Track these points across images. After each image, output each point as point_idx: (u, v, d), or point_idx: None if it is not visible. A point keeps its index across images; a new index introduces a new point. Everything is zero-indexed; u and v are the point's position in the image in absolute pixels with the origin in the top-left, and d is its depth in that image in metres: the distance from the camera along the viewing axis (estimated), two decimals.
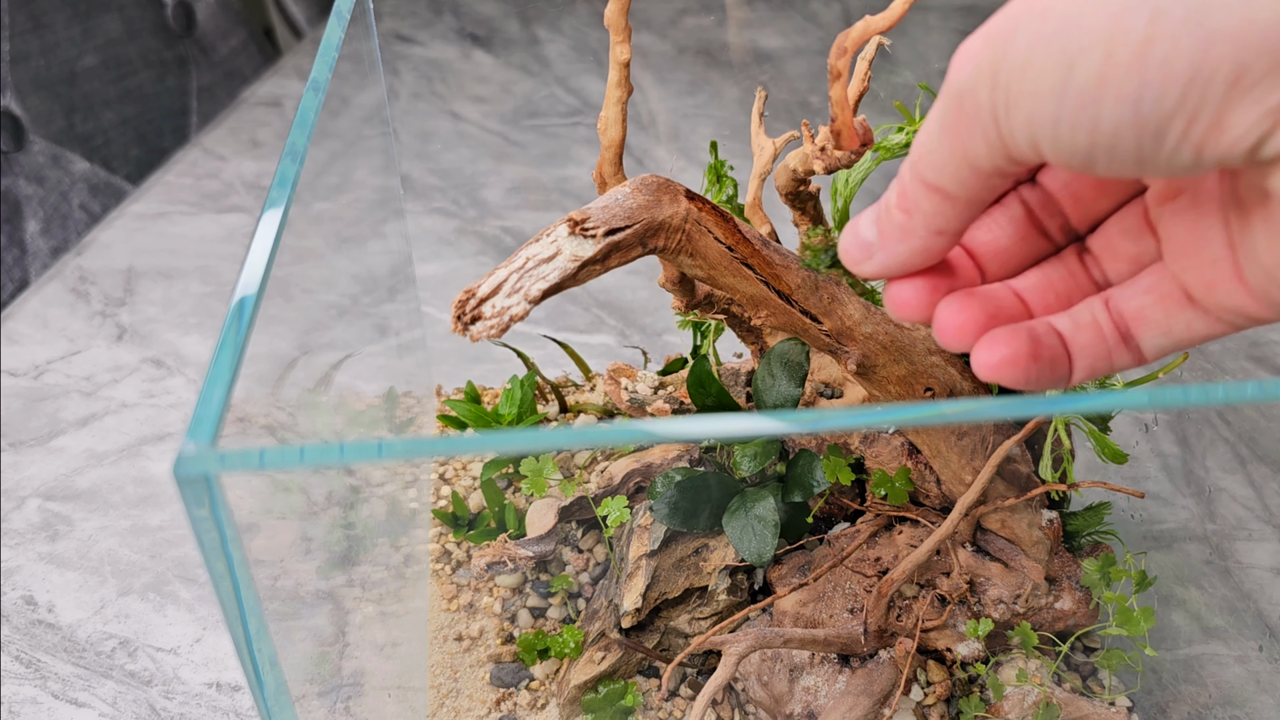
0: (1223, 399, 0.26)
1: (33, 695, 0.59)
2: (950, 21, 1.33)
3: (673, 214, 0.37)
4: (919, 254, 0.29)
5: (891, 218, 0.29)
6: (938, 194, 0.28)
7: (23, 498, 0.72)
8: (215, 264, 0.96)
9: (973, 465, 0.49)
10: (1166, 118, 0.23)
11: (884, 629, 0.50)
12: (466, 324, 0.33)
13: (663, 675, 0.49)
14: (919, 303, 0.30)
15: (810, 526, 0.55)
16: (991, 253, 0.31)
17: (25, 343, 0.86)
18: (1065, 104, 0.24)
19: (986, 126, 0.25)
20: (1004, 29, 0.25)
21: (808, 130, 0.42)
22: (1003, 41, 0.24)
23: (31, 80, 1.13)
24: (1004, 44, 0.24)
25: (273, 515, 0.35)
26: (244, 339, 0.28)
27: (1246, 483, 0.67)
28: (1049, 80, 0.24)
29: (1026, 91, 0.24)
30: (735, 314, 0.53)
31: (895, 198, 0.29)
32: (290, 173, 0.34)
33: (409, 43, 1.33)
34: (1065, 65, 0.23)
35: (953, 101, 0.26)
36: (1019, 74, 0.24)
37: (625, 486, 0.57)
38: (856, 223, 0.31)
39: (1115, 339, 0.30)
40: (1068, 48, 0.23)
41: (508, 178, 1.07)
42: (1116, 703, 0.52)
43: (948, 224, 0.28)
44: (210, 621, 0.64)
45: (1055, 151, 0.25)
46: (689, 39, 1.31)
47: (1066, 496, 0.57)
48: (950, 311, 0.30)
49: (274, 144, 1.14)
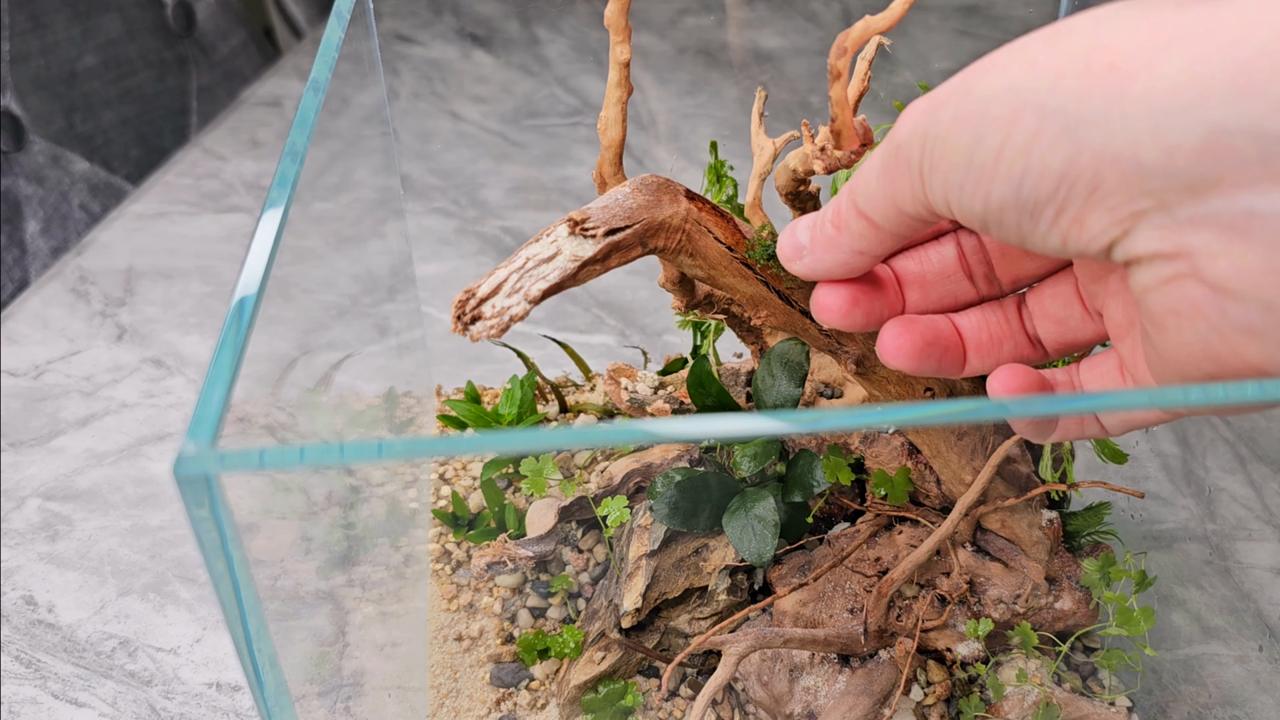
0: (1223, 399, 0.26)
1: (33, 695, 0.59)
2: (950, 21, 1.33)
3: (673, 214, 0.37)
4: (841, 266, 0.33)
5: (823, 229, 0.33)
6: (865, 220, 0.32)
7: (23, 498, 0.72)
8: (215, 264, 0.96)
9: (973, 465, 0.49)
10: (1040, 205, 0.27)
11: (884, 629, 0.50)
12: (466, 324, 0.33)
13: (663, 675, 0.49)
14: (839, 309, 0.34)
15: (810, 526, 0.55)
16: (916, 281, 0.36)
17: (25, 343, 0.86)
18: (969, 174, 0.28)
19: (914, 179, 0.29)
20: (939, 100, 0.28)
21: (808, 130, 0.42)
22: (935, 110, 0.28)
23: (31, 80, 1.13)
24: (936, 113, 0.28)
25: (273, 515, 0.35)
26: (244, 339, 0.28)
27: (1246, 483, 0.67)
28: (960, 152, 0.28)
29: (944, 157, 0.28)
30: (735, 314, 0.53)
31: (830, 213, 0.33)
32: (290, 173, 0.34)
33: (409, 43, 1.33)
34: (973, 142, 0.27)
35: (892, 150, 0.30)
36: (941, 142, 0.28)
37: (625, 486, 0.57)
38: (795, 225, 0.35)
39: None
40: (978, 129, 0.27)
41: (508, 178, 1.07)
42: (1116, 703, 0.52)
43: (869, 247, 0.32)
44: (210, 621, 0.64)
45: (960, 213, 0.29)
46: (689, 39, 1.31)
47: (1066, 496, 0.57)
48: (891, 334, 0.34)
49: (274, 144, 1.14)
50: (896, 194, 0.30)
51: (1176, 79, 0.24)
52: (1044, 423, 0.34)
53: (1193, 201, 0.25)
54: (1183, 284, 0.26)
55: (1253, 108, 0.23)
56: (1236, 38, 0.24)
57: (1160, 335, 0.28)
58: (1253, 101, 0.23)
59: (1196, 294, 0.26)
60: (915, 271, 0.36)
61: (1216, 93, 0.24)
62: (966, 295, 0.36)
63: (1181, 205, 0.25)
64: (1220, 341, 0.26)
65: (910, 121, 0.29)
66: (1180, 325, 0.27)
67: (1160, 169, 0.25)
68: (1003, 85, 0.27)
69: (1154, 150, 0.24)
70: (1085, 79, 0.25)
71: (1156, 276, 0.26)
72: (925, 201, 0.30)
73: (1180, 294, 0.26)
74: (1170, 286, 0.26)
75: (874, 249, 0.32)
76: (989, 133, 0.27)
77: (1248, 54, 0.23)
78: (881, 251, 0.32)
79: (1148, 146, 0.25)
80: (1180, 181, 0.25)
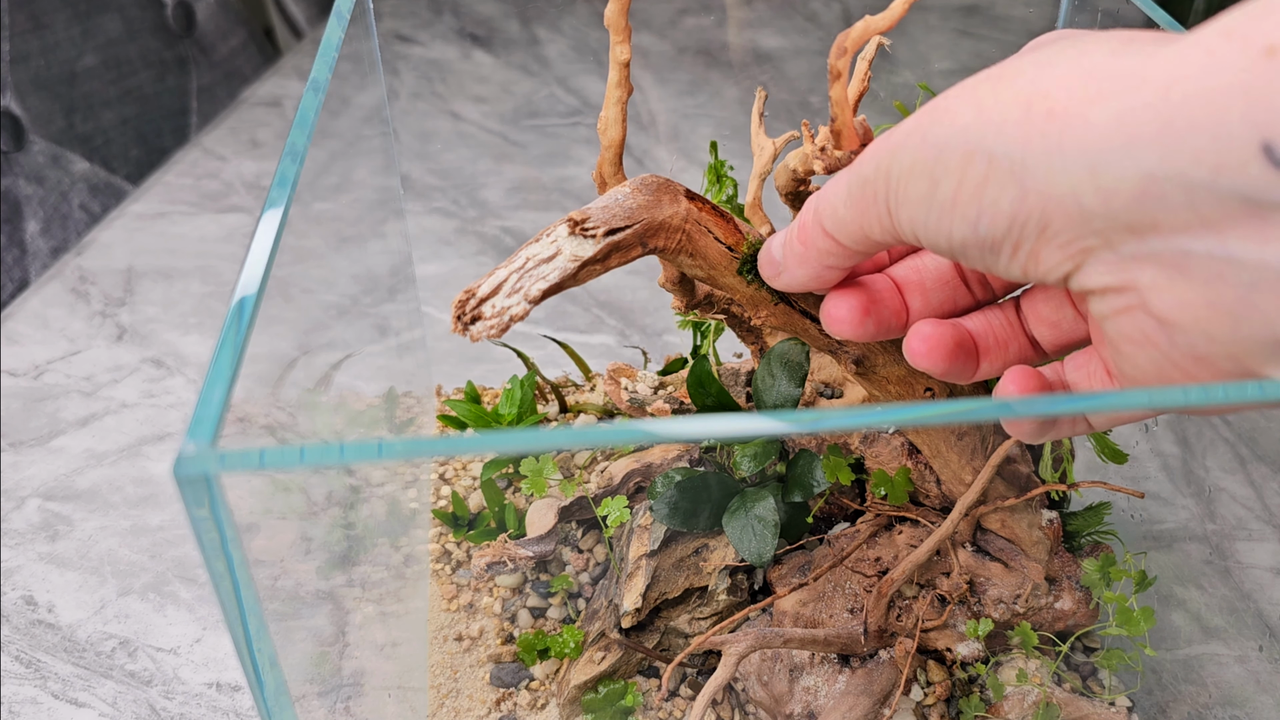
0: (1223, 399, 0.26)
1: (33, 695, 0.59)
2: (950, 21, 1.33)
3: (673, 214, 0.37)
4: (814, 279, 0.35)
5: (792, 247, 0.35)
6: (831, 240, 0.33)
7: (23, 498, 0.72)
8: (215, 264, 0.96)
9: (973, 465, 0.49)
10: (997, 242, 0.28)
11: (884, 629, 0.50)
12: (466, 324, 0.33)
13: (663, 675, 0.49)
14: (851, 321, 0.36)
15: (810, 526, 0.55)
16: (917, 288, 0.37)
17: (25, 343, 0.86)
18: (930, 213, 0.29)
19: (882, 213, 0.31)
20: (896, 143, 0.30)
21: (808, 130, 0.42)
22: (895, 152, 0.30)
23: (31, 80, 1.13)
24: (896, 154, 0.30)
25: (273, 515, 0.35)
26: (244, 339, 0.28)
27: (1246, 483, 0.67)
28: (920, 194, 0.29)
29: (907, 196, 0.30)
30: (735, 314, 0.53)
31: (796, 231, 0.35)
32: (290, 173, 0.34)
33: (409, 43, 1.33)
34: (931, 185, 0.29)
35: (858, 183, 0.31)
36: (903, 182, 0.30)
37: (625, 486, 0.57)
38: (770, 243, 0.37)
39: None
40: (933, 172, 0.29)
41: (508, 178, 1.07)
42: (1116, 703, 0.52)
43: (838, 263, 0.34)
44: (210, 621, 0.64)
45: (928, 245, 0.31)
46: (689, 39, 1.31)
47: (1066, 496, 0.57)
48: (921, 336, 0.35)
49: (274, 144, 1.14)
50: (865, 224, 0.32)
51: (1107, 128, 0.25)
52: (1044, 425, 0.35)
53: (1135, 240, 0.26)
54: (1133, 315, 0.28)
55: (1179, 158, 0.24)
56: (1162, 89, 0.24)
57: (1119, 358, 0.29)
58: (1178, 153, 0.24)
59: (1146, 324, 0.27)
60: (915, 280, 0.37)
61: (1145, 142, 0.25)
62: (964, 300, 0.37)
63: (1125, 243, 0.26)
64: (1172, 367, 0.28)
65: (874, 160, 0.31)
66: (1135, 351, 0.28)
67: (1100, 211, 0.26)
68: (953, 131, 0.28)
69: (1092, 195, 0.26)
70: (1026, 126, 0.27)
71: (1110, 307, 0.28)
72: (894, 232, 0.31)
73: (1132, 323, 0.28)
74: (1123, 317, 0.28)
75: (843, 263, 0.34)
76: (943, 177, 0.28)
77: (1172, 107, 0.24)
78: (850, 265, 0.34)
79: (1087, 191, 0.26)
80: (1120, 222, 0.26)
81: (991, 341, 0.36)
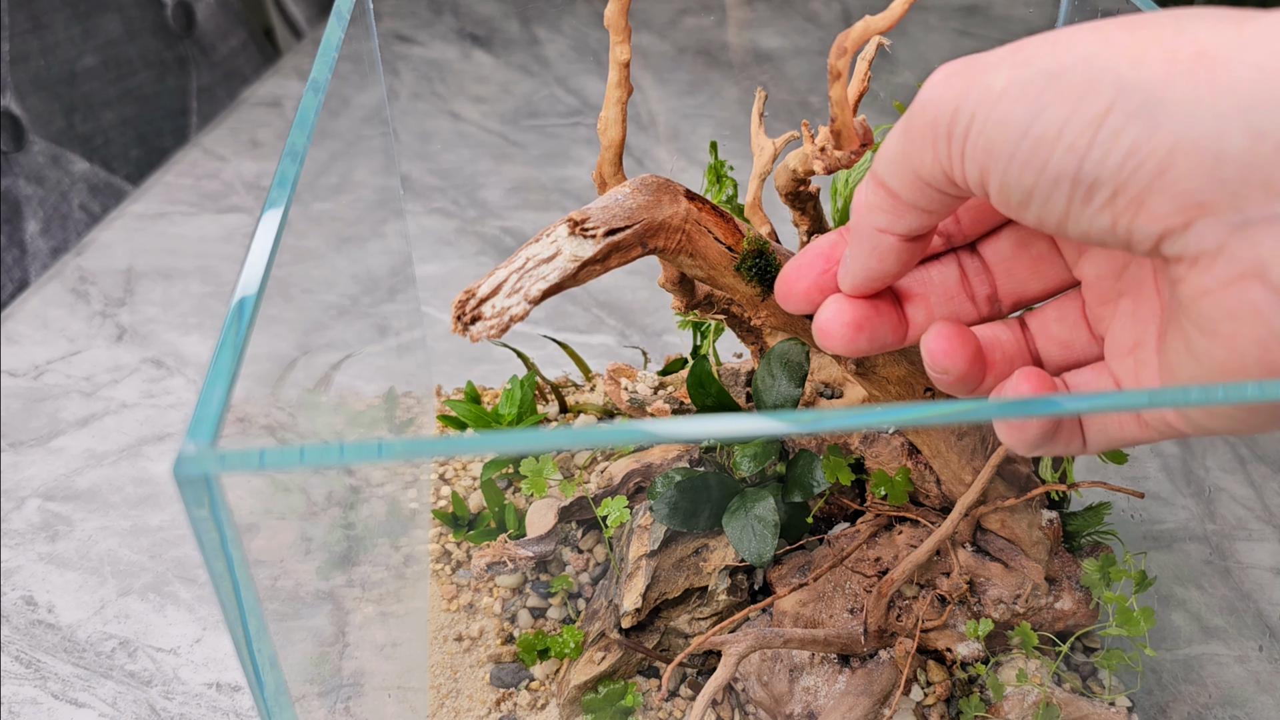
0: (1223, 399, 0.26)
1: (33, 695, 0.59)
2: (950, 21, 1.33)
3: (673, 214, 0.37)
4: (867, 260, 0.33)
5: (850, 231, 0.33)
6: (882, 191, 0.31)
7: (23, 498, 0.72)
8: (215, 264, 0.96)
9: (973, 465, 0.49)
10: (1101, 182, 0.26)
11: (884, 629, 0.50)
12: (466, 324, 0.33)
13: (663, 675, 0.49)
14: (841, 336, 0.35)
15: (810, 526, 0.55)
16: (920, 300, 0.36)
17: (25, 343, 0.86)
18: (1024, 142, 0.27)
19: (939, 141, 0.28)
20: (985, 62, 0.27)
21: (808, 130, 0.42)
22: (981, 72, 0.27)
23: (31, 80, 1.13)
24: (982, 74, 0.27)
25: (273, 515, 0.35)
26: (244, 339, 0.28)
27: (1246, 483, 0.67)
28: (1016, 117, 0.27)
29: (993, 120, 0.27)
30: (735, 314, 0.53)
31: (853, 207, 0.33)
32: (290, 173, 0.34)
33: (409, 43, 1.33)
34: (1035, 110, 0.26)
35: (917, 109, 0.29)
36: (990, 104, 0.27)
37: (625, 486, 0.57)
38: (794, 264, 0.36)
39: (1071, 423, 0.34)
40: (1041, 97, 0.26)
41: (508, 178, 1.07)
42: (1116, 703, 0.52)
43: (889, 224, 0.32)
44: (210, 621, 0.64)
45: (1000, 185, 0.28)
46: (689, 39, 1.31)
47: (1066, 496, 0.57)
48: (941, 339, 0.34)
49: (274, 144, 1.14)
50: (915, 157, 0.29)
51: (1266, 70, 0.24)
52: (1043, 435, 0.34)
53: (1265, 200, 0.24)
54: (1244, 286, 0.25)
55: None
56: None
57: (1210, 341, 0.27)
58: None
59: (1258, 297, 0.25)
60: (919, 291, 0.36)
61: None
62: (969, 316, 0.36)
63: (1252, 202, 0.24)
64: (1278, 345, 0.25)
65: (941, 84, 0.28)
66: (1236, 330, 0.26)
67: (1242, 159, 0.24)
68: (1075, 58, 0.26)
69: (1241, 139, 0.24)
70: (1171, 64, 0.25)
71: (1216, 278, 0.26)
72: (947, 167, 0.29)
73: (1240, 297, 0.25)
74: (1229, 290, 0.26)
75: (894, 225, 0.32)
76: (1053, 103, 0.26)
77: None
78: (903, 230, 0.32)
79: (1235, 135, 0.24)
80: (1258, 175, 0.24)
81: (999, 355, 0.35)
